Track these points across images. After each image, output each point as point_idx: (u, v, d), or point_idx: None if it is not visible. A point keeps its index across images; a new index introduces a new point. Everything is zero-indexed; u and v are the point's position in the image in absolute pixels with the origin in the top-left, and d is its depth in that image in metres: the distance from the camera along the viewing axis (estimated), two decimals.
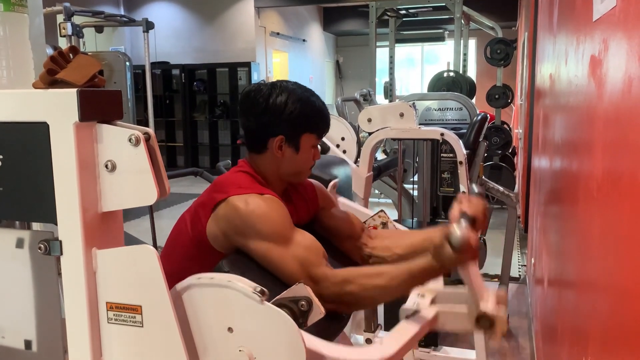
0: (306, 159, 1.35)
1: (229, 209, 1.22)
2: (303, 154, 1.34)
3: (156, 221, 1.58)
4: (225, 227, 1.23)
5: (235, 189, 1.25)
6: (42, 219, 0.91)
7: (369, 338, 2.14)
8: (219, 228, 1.24)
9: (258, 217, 1.19)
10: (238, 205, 1.21)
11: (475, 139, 3.08)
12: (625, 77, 0.81)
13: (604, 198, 0.99)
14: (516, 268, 4.26)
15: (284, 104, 1.29)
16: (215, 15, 10.22)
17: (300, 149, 1.33)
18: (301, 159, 1.34)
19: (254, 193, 1.24)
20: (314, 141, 1.35)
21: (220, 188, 1.27)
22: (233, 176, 1.33)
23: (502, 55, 5.85)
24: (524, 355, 2.96)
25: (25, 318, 0.94)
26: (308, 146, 1.34)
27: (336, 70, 14.55)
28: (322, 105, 1.37)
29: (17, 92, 0.89)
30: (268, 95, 1.30)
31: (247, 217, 1.20)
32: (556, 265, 1.90)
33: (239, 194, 1.23)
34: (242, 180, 1.30)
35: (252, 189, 1.25)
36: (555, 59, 2.21)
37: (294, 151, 1.33)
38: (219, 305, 0.92)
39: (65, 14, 5.13)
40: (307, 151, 1.34)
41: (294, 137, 1.32)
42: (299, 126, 1.31)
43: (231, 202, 1.22)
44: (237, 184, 1.27)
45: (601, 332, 0.99)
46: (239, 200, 1.22)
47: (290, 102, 1.29)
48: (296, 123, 1.30)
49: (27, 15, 0.96)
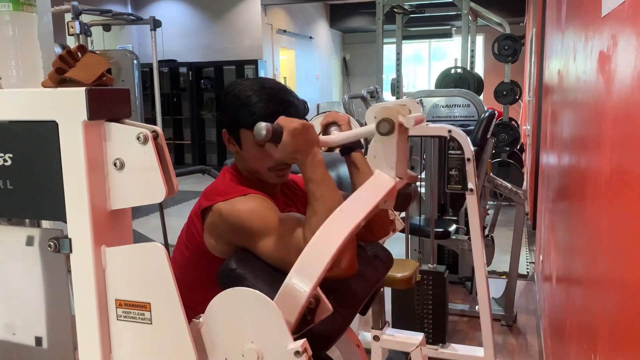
0: (252, 156, 1.29)
1: (215, 218, 1.24)
2: (245, 150, 1.30)
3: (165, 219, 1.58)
4: (218, 234, 1.25)
5: (219, 195, 1.25)
6: (52, 216, 0.92)
7: (377, 335, 2.14)
8: (214, 237, 1.26)
9: (244, 217, 1.20)
10: (222, 211, 1.22)
11: (483, 135, 3.06)
12: (634, 73, 0.81)
13: (612, 195, 0.99)
14: (524, 265, 4.25)
15: (224, 97, 1.31)
16: (222, 12, 10.23)
17: (242, 146, 1.30)
18: (246, 156, 1.30)
19: (236, 196, 1.24)
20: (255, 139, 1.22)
21: (206, 197, 1.29)
22: (218, 181, 1.35)
23: (510, 51, 5.81)
24: (532, 353, 2.95)
25: (35, 315, 0.95)
26: (249, 143, 1.28)
27: (343, 67, 14.53)
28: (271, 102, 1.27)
29: (26, 91, 0.89)
30: (226, 90, 1.32)
31: (234, 220, 1.21)
32: (564, 262, 1.89)
33: (223, 199, 1.24)
34: (226, 185, 1.31)
35: (234, 192, 1.25)
36: (563, 54, 2.19)
37: (239, 146, 1.31)
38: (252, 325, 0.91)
39: (73, 12, 5.16)
40: (250, 148, 1.29)
41: (233, 132, 1.31)
42: (234, 121, 1.29)
43: (216, 210, 1.23)
44: (221, 190, 1.28)
45: (610, 329, 0.99)
46: (223, 206, 1.23)
47: (230, 95, 1.29)
48: (232, 117, 1.29)
49: (36, 15, 0.97)
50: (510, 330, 3.22)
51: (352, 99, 3.79)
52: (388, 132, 1.15)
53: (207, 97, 10.08)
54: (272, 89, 1.30)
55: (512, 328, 3.25)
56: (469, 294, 3.58)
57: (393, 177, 1.16)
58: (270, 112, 1.23)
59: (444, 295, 2.85)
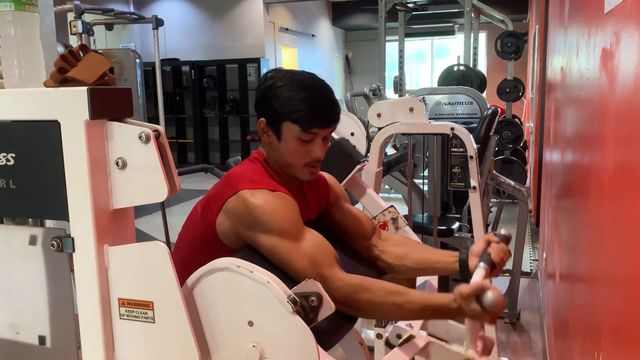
0: (291, 150, 1.28)
1: (238, 203, 1.22)
2: (285, 143, 1.28)
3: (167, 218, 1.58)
4: (235, 220, 1.23)
5: (247, 183, 1.24)
6: (55, 216, 0.92)
7: (380, 333, 2.14)
8: (229, 222, 1.24)
9: (267, 212, 1.19)
10: (247, 198, 1.21)
11: (486, 133, 3.06)
12: (637, 70, 0.80)
13: (616, 192, 0.99)
14: (528, 262, 4.24)
15: (270, 87, 1.28)
16: (224, 11, 10.23)
17: (282, 138, 1.28)
18: (284, 148, 1.28)
19: (264, 189, 1.23)
20: (299, 134, 1.26)
21: (231, 181, 1.27)
22: (245, 168, 1.32)
23: (512, 48, 5.80)
24: (536, 350, 2.94)
25: (39, 314, 0.95)
26: (291, 137, 1.27)
27: (345, 65, 14.51)
28: (319, 99, 1.28)
29: (28, 90, 0.89)
30: (265, 79, 1.30)
31: (256, 211, 1.19)
32: (568, 260, 1.89)
33: (250, 188, 1.22)
34: (253, 174, 1.28)
35: (263, 185, 1.24)
36: (566, 51, 2.19)
37: (277, 138, 1.29)
38: (248, 298, 0.93)
39: (75, 12, 5.16)
40: (290, 142, 1.27)
41: (275, 123, 1.28)
42: (278, 112, 1.26)
43: (241, 196, 1.22)
44: (249, 178, 1.26)
45: (614, 327, 0.99)
46: (249, 194, 1.21)
47: (278, 86, 1.27)
48: (275, 108, 1.26)
49: (38, 14, 0.97)
50: (513, 328, 3.22)
51: (354, 97, 3.79)
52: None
53: (209, 96, 10.08)
54: (320, 86, 1.30)
55: (516, 325, 3.25)
56: None
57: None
58: (317, 113, 1.25)
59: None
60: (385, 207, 1.76)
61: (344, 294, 1.16)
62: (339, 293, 1.14)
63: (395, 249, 1.45)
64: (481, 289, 1.09)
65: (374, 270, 1.44)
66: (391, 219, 1.73)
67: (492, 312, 1.08)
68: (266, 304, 0.92)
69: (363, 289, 1.17)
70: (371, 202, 1.89)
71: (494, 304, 1.07)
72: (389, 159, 3.26)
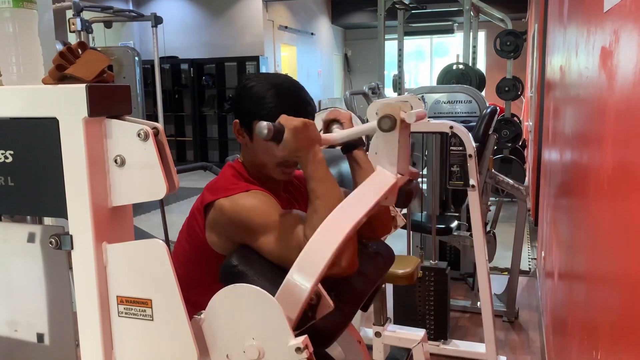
0: (263, 150, 1.28)
1: (217, 214, 1.24)
2: (257, 143, 1.29)
3: (166, 216, 1.59)
4: (220, 231, 1.25)
5: (221, 192, 1.26)
6: (53, 213, 0.92)
7: (378, 331, 2.14)
8: (215, 234, 1.26)
9: (246, 214, 1.20)
10: (224, 207, 1.23)
11: (484, 131, 3.06)
12: (636, 69, 0.80)
13: (614, 190, 0.99)
14: (526, 261, 4.25)
15: (243, 88, 1.30)
16: (223, 9, 10.22)
17: (254, 138, 1.29)
18: (257, 149, 1.30)
19: (239, 192, 1.24)
20: None
21: (207, 195, 1.29)
22: (219, 178, 1.35)
23: (512, 47, 5.80)
24: (534, 349, 2.95)
25: (37, 312, 0.95)
26: None
27: (345, 63, 14.50)
28: (288, 96, 1.29)
29: (26, 88, 0.89)
30: (241, 82, 1.33)
31: (235, 216, 1.21)
32: (567, 258, 1.89)
33: (225, 196, 1.24)
34: (226, 182, 1.30)
35: (236, 189, 1.25)
36: (565, 50, 2.19)
37: (250, 138, 1.31)
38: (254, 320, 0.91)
39: (74, 9, 5.15)
40: (261, 141, 1.22)
41: (246, 123, 1.30)
42: (248, 111, 1.29)
43: (218, 207, 1.24)
44: (223, 186, 1.28)
45: (612, 325, 0.99)
46: (225, 202, 1.23)
47: (250, 87, 1.29)
48: (246, 107, 1.29)
49: (37, 12, 0.97)
50: (512, 327, 3.23)
51: (353, 96, 3.79)
52: (390, 129, 1.15)
53: (208, 94, 10.08)
54: (291, 85, 1.32)
55: (514, 324, 3.25)
56: (471, 290, 3.58)
57: (394, 173, 1.16)
58: (286, 108, 1.24)
59: (446, 292, 2.85)
60: None
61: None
62: None
63: None
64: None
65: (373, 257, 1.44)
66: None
67: (266, 134, 1.09)
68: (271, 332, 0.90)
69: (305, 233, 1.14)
70: None
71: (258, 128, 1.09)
72: None
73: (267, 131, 1.10)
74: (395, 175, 1.16)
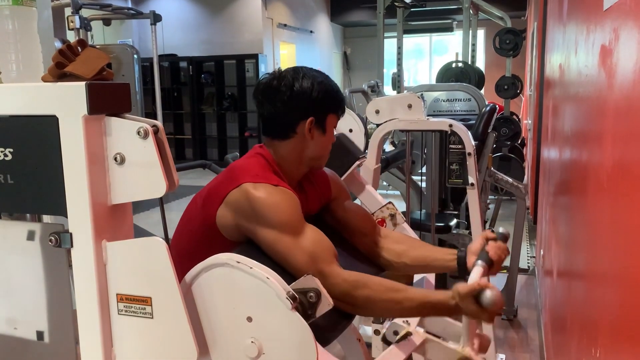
0: (330, 140, 1.39)
1: (240, 195, 1.23)
2: (329, 134, 1.38)
3: (166, 214, 1.58)
4: (236, 212, 1.23)
5: (250, 176, 1.25)
6: (53, 211, 0.92)
7: (377, 329, 2.14)
8: (230, 214, 1.24)
9: (268, 205, 1.20)
10: (250, 191, 1.22)
11: (484, 130, 3.06)
12: (636, 67, 0.80)
13: (614, 189, 0.99)
14: (525, 259, 4.25)
15: (311, 87, 1.33)
16: (222, 7, 10.20)
17: (327, 131, 1.37)
18: (327, 140, 1.38)
19: (267, 183, 1.24)
20: (336, 122, 1.40)
21: (234, 174, 1.27)
22: (249, 162, 1.33)
23: (511, 45, 5.79)
24: (533, 347, 2.95)
25: (37, 310, 0.95)
26: (331, 127, 1.39)
27: (344, 61, 14.49)
28: (337, 85, 1.42)
29: (26, 85, 0.89)
30: (294, 80, 1.33)
31: (258, 203, 1.20)
32: (565, 257, 1.89)
33: (253, 181, 1.23)
34: (257, 168, 1.29)
35: (266, 179, 1.25)
36: (565, 48, 2.19)
37: (322, 133, 1.36)
38: (246, 293, 0.93)
39: (73, 7, 5.14)
40: (331, 132, 1.38)
41: (322, 119, 1.35)
42: (326, 107, 1.35)
43: (244, 189, 1.23)
44: (253, 171, 1.27)
45: (611, 323, 0.99)
46: (252, 187, 1.22)
47: (316, 84, 1.34)
48: (323, 104, 1.34)
49: (36, 9, 0.97)
50: (511, 324, 3.23)
51: (353, 93, 3.79)
52: None
53: (207, 92, 10.06)
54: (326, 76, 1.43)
55: (513, 322, 3.25)
56: None
57: None
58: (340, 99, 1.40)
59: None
60: (384, 204, 1.76)
61: (342, 290, 1.16)
62: (337, 289, 1.15)
63: (395, 246, 1.45)
64: (479, 288, 1.09)
65: (373, 267, 1.44)
66: (389, 215, 1.73)
67: (491, 311, 1.09)
68: (265, 299, 0.92)
69: (361, 285, 1.17)
70: (369, 198, 1.89)
71: (493, 303, 1.08)
72: (387, 156, 3.26)
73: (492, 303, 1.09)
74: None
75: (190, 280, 0.96)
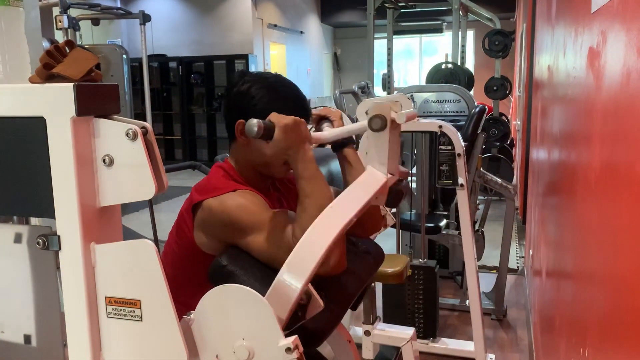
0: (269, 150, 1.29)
1: (205, 214, 1.24)
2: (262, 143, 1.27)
3: (155, 215, 1.57)
4: (208, 231, 1.25)
5: (209, 192, 1.25)
6: (40, 213, 0.91)
7: (368, 330, 2.14)
8: (204, 234, 1.26)
9: (234, 213, 1.19)
10: (212, 207, 1.22)
11: (473, 131, 3.07)
12: (623, 69, 0.81)
13: (602, 189, 0.99)
14: (514, 260, 4.28)
15: (247, 90, 1.30)
16: (212, 7, 10.18)
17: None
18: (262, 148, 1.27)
19: (227, 192, 1.24)
20: None
21: (195, 195, 1.28)
22: (209, 177, 1.34)
23: (500, 46, 5.83)
24: (522, 347, 2.97)
25: (24, 313, 0.94)
26: None
27: (334, 62, 14.50)
28: (293, 96, 1.32)
29: (13, 86, 0.88)
30: (236, 82, 1.32)
31: (222, 216, 1.21)
32: (554, 257, 1.90)
33: (213, 196, 1.23)
34: (215, 182, 1.30)
35: (224, 189, 1.25)
36: (553, 50, 2.20)
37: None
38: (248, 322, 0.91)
39: (61, 6, 5.10)
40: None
41: None
42: (260, 113, 1.25)
43: (206, 207, 1.23)
44: (211, 186, 1.28)
45: (600, 323, 1.00)
46: (213, 202, 1.22)
47: (254, 88, 1.30)
48: (257, 109, 1.27)
49: (23, 9, 0.96)
50: (500, 325, 3.25)
51: (343, 94, 3.79)
52: (380, 129, 1.15)
53: (197, 92, 10.03)
54: (289, 84, 1.35)
55: (502, 322, 3.27)
56: (460, 289, 3.60)
57: (385, 173, 1.16)
58: (290, 106, 1.27)
59: (435, 290, 2.86)
60: None
61: None
62: None
63: None
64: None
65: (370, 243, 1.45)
66: None
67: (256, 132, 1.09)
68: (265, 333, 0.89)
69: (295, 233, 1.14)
70: None
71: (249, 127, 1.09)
72: None
73: (258, 128, 1.09)
74: (385, 175, 1.16)
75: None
